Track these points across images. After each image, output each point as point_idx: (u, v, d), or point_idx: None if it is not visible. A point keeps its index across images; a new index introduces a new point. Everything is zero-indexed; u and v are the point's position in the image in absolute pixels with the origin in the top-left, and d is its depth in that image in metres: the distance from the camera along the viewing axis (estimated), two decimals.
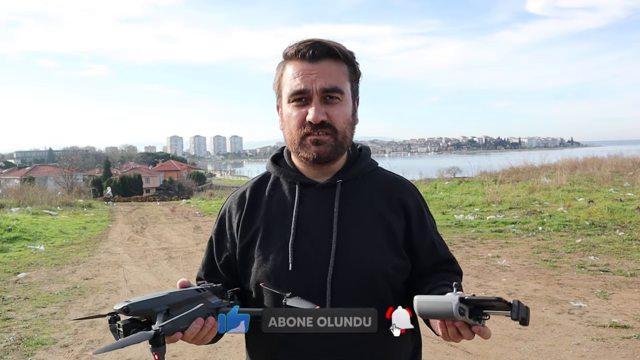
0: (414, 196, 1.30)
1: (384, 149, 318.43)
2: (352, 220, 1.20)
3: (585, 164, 21.10)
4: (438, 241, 1.31)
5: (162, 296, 1.03)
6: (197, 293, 1.09)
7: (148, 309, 1.00)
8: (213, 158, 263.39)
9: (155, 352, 0.98)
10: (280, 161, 1.31)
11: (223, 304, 1.12)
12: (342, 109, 1.18)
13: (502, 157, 25.27)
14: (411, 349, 1.28)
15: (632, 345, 4.11)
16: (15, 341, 4.56)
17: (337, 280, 1.15)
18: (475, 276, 6.52)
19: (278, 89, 1.24)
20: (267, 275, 1.18)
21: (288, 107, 1.19)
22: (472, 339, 1.03)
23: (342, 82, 1.18)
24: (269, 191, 1.28)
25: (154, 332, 0.97)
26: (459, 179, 20.37)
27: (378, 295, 1.17)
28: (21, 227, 11.17)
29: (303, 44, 1.17)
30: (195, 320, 1.04)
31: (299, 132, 1.17)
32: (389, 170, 1.36)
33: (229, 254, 1.27)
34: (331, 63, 1.17)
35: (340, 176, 1.24)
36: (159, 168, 71.79)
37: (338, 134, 1.18)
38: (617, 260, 6.99)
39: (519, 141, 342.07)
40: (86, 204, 19.94)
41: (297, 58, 1.17)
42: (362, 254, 1.17)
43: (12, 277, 7.21)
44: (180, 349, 4.16)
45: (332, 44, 1.17)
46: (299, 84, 1.15)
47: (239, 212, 1.27)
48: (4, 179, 46.51)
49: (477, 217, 11.02)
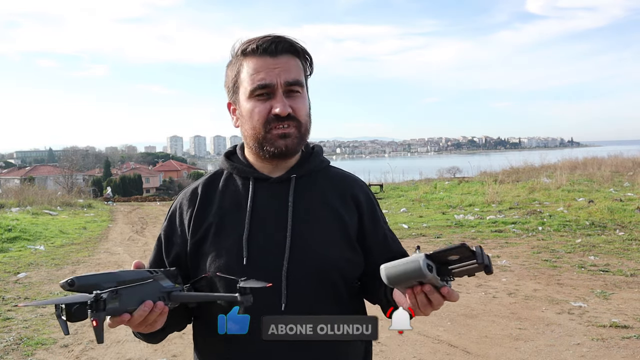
0: (365, 192, 1.32)
1: (384, 149, 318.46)
2: (306, 215, 1.21)
3: (585, 164, 21.11)
4: (391, 236, 1.31)
5: (110, 273, 0.98)
6: (149, 274, 1.04)
7: (94, 284, 0.94)
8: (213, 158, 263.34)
9: (94, 317, 0.90)
10: (233, 157, 1.32)
11: (175, 288, 1.08)
12: (303, 101, 1.20)
13: (502, 157, 25.29)
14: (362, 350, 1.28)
15: (632, 345, 4.11)
16: (15, 341, 4.57)
17: (292, 273, 1.15)
18: (475, 276, 6.51)
19: (234, 86, 1.23)
20: (220, 270, 1.17)
21: (249, 103, 1.18)
22: (442, 305, 1.02)
23: (301, 76, 1.20)
24: (222, 187, 1.27)
25: (95, 294, 0.91)
26: (459, 179, 20.39)
27: (332, 288, 1.19)
28: (21, 227, 11.18)
29: (263, 39, 1.18)
30: (144, 303, 0.99)
31: (264, 127, 1.17)
32: (340, 168, 1.38)
33: (179, 250, 1.25)
34: (291, 58, 1.19)
35: (294, 171, 1.25)
36: (159, 168, 71.78)
37: (302, 126, 1.20)
38: (617, 260, 6.99)
39: (519, 141, 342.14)
40: (86, 204, 19.96)
41: (258, 54, 1.17)
42: (316, 247, 1.18)
43: (12, 277, 7.22)
44: (180, 349, 4.15)
45: (291, 39, 1.19)
46: (263, 78, 1.15)
47: (190, 208, 1.26)
48: (4, 179, 46.51)
49: (477, 217, 11.03)
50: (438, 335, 4.48)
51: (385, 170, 24.05)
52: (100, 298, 0.91)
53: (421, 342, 4.34)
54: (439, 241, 8.99)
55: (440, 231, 9.96)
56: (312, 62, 1.24)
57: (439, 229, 10.23)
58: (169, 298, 1.06)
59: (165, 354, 4.11)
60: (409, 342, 4.33)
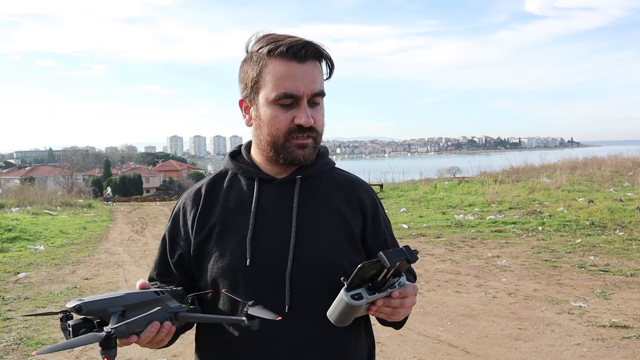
0: (371, 196, 1.31)
1: (384, 149, 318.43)
2: (311, 216, 1.20)
3: (585, 164, 21.10)
4: (390, 242, 1.30)
5: (118, 297, 0.98)
6: (155, 295, 1.04)
7: (102, 309, 0.95)
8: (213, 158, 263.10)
9: (105, 355, 0.92)
10: (238, 158, 1.30)
11: (182, 308, 1.08)
12: (321, 111, 1.19)
13: (502, 157, 25.25)
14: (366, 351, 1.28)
15: (632, 345, 4.11)
16: (15, 341, 4.56)
17: (296, 274, 1.14)
18: (475, 276, 6.52)
19: (254, 86, 1.17)
20: (223, 271, 1.16)
21: (270, 108, 1.15)
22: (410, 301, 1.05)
23: (323, 85, 1.19)
24: (227, 187, 1.26)
25: (106, 333, 0.91)
26: (459, 179, 20.38)
27: (336, 290, 1.17)
28: (21, 227, 11.18)
29: (292, 42, 1.13)
30: (151, 324, 1.00)
31: (284, 135, 1.16)
32: (346, 170, 1.37)
33: (182, 251, 1.24)
34: (315, 65, 1.16)
35: (299, 173, 1.23)
36: (159, 168, 71.79)
37: (319, 137, 1.20)
38: (617, 260, 6.98)
39: (519, 141, 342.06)
40: (86, 204, 19.95)
41: (287, 58, 1.13)
42: (320, 249, 1.17)
43: (12, 277, 7.22)
44: (180, 349, 4.15)
45: (319, 45, 1.17)
46: (292, 87, 1.12)
47: (194, 208, 1.25)
48: (4, 179, 46.46)
49: (477, 217, 11.02)
50: (438, 335, 4.48)
51: (385, 170, 24.03)
52: (111, 336, 0.92)
53: (421, 342, 4.34)
54: (439, 241, 8.99)
55: (440, 231, 9.95)
56: (333, 68, 1.21)
57: (439, 229, 10.23)
58: (176, 318, 1.06)
59: (165, 354, 4.11)
60: (409, 342, 4.33)
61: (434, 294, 5.77)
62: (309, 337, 1.15)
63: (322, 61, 1.18)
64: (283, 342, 1.14)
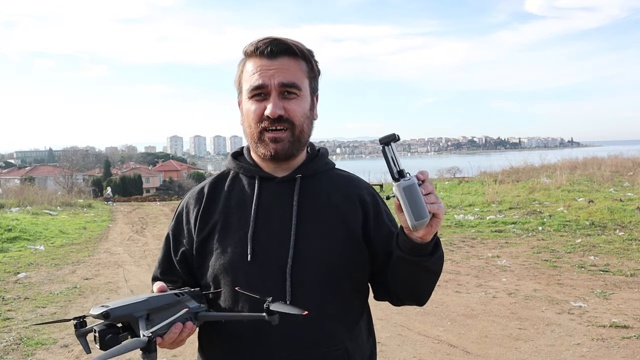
0: (371, 192, 1.34)
1: None
2: (311, 214, 1.22)
3: (585, 164, 21.09)
4: (395, 232, 1.30)
5: (142, 301, 1.01)
6: (176, 297, 1.08)
7: (128, 314, 0.98)
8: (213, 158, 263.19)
9: (147, 357, 0.96)
10: (240, 158, 1.34)
11: (201, 308, 1.12)
12: (299, 103, 1.21)
13: (502, 157, 25.24)
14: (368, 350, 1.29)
15: (632, 345, 4.11)
16: (15, 341, 4.56)
17: (296, 271, 1.16)
18: (475, 276, 6.52)
19: (239, 85, 1.26)
20: (225, 267, 1.19)
21: (247, 103, 1.22)
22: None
23: (300, 78, 1.21)
24: (228, 186, 1.29)
25: (147, 338, 0.95)
26: (459, 179, 20.39)
27: (336, 287, 1.20)
28: (21, 227, 11.18)
29: (262, 41, 1.20)
30: (174, 325, 1.04)
31: (257, 127, 1.20)
32: (345, 170, 1.40)
33: (185, 249, 1.28)
34: (289, 60, 1.20)
35: (299, 171, 1.26)
36: (159, 168, 71.79)
37: (296, 128, 1.20)
38: (617, 260, 6.99)
39: (519, 141, 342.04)
40: (86, 204, 19.96)
41: (256, 55, 1.20)
42: (320, 245, 1.19)
43: (12, 277, 7.22)
44: (180, 349, 4.16)
45: (290, 41, 1.20)
46: (258, 79, 1.18)
47: (197, 206, 1.28)
48: (4, 179, 46.45)
49: (477, 217, 11.02)
50: (438, 335, 4.48)
51: (385, 170, 23.77)
52: (152, 339, 0.96)
53: (421, 342, 4.34)
54: None
55: (440, 231, 9.89)
56: (316, 63, 1.25)
57: (439, 228, 10.22)
58: (197, 318, 1.10)
59: (166, 354, 4.11)
60: (409, 342, 4.33)
61: (434, 294, 5.72)
62: (310, 333, 1.16)
63: (299, 58, 1.22)
64: (285, 339, 1.15)
